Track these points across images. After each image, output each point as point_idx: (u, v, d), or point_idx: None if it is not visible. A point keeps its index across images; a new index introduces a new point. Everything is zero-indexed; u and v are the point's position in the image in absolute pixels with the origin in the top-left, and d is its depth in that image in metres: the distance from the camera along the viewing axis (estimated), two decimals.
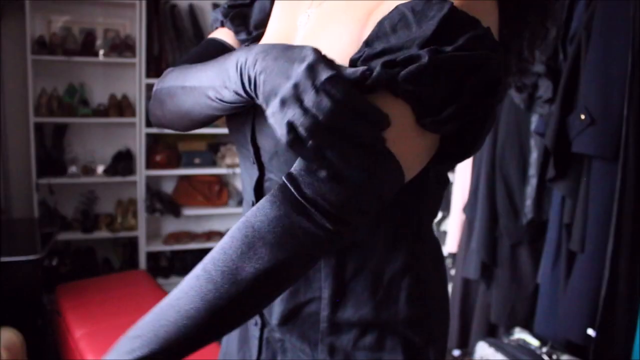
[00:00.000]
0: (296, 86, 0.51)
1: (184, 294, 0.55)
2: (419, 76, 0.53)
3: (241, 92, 0.58)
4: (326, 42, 0.64)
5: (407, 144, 0.56)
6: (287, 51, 0.55)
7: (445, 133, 0.58)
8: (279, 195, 0.55)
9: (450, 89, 0.54)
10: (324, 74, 0.51)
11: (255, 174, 0.72)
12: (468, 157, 0.65)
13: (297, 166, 0.56)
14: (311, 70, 0.52)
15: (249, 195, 0.75)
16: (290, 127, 0.51)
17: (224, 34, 0.82)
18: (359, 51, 0.58)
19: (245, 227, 0.55)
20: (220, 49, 0.78)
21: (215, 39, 0.81)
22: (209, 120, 0.71)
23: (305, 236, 0.54)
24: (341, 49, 0.62)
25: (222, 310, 0.54)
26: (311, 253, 0.56)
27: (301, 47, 0.55)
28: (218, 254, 0.55)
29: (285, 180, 0.55)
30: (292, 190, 0.54)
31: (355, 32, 0.62)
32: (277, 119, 0.53)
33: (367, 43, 0.58)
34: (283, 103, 0.52)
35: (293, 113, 0.51)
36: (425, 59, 0.52)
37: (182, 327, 0.53)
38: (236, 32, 0.79)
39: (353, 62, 0.58)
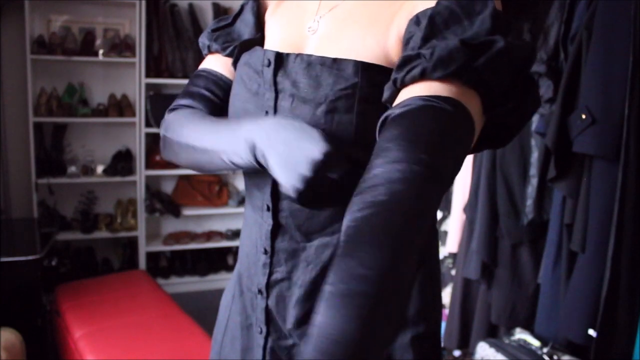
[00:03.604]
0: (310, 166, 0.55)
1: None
2: (496, 62, 0.55)
3: (253, 163, 0.62)
4: (347, 45, 0.65)
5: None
6: (297, 131, 0.58)
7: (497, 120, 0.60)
8: None
9: (512, 78, 0.57)
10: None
11: (270, 178, 0.71)
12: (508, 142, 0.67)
13: None
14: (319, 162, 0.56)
15: (259, 200, 0.74)
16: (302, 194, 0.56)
17: (214, 62, 0.82)
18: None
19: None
20: (213, 81, 0.81)
21: (206, 71, 0.82)
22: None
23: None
24: (365, 49, 0.63)
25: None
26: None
27: (311, 131, 0.58)
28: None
29: None
30: None
31: (379, 34, 0.64)
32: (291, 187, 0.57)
33: (425, 40, 0.57)
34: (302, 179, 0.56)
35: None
36: (501, 43, 0.54)
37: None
38: (224, 49, 0.80)
39: (409, 58, 0.57)
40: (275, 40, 0.75)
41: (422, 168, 0.50)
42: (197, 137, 0.71)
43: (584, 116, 1.63)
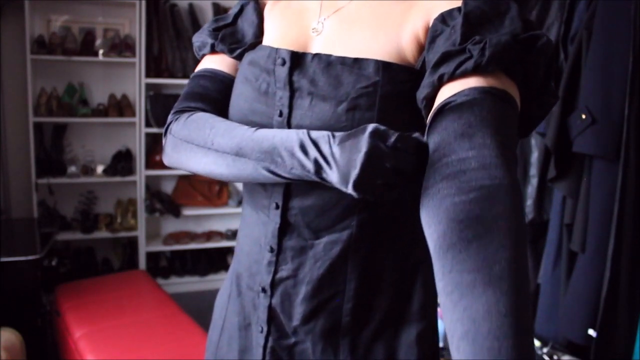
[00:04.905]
0: (371, 152, 0.55)
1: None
2: (538, 56, 0.58)
3: (311, 175, 0.61)
4: (358, 46, 0.66)
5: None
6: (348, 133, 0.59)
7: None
8: None
9: (545, 70, 0.60)
10: (392, 136, 0.56)
11: None
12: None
13: None
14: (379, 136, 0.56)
15: (265, 198, 0.72)
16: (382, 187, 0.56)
17: (218, 63, 0.80)
18: (460, 44, 0.59)
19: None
20: (222, 82, 0.79)
21: (211, 72, 0.80)
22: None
23: None
24: (379, 49, 0.65)
25: None
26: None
27: (362, 128, 0.58)
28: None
29: None
30: None
31: (391, 33, 0.65)
32: (369, 183, 0.56)
33: (465, 36, 0.59)
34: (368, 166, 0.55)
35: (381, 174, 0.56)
36: (544, 39, 0.58)
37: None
38: (230, 51, 0.78)
39: (452, 53, 0.58)
40: (276, 38, 0.74)
41: (509, 153, 0.53)
42: (228, 144, 0.67)
43: (584, 116, 1.63)
